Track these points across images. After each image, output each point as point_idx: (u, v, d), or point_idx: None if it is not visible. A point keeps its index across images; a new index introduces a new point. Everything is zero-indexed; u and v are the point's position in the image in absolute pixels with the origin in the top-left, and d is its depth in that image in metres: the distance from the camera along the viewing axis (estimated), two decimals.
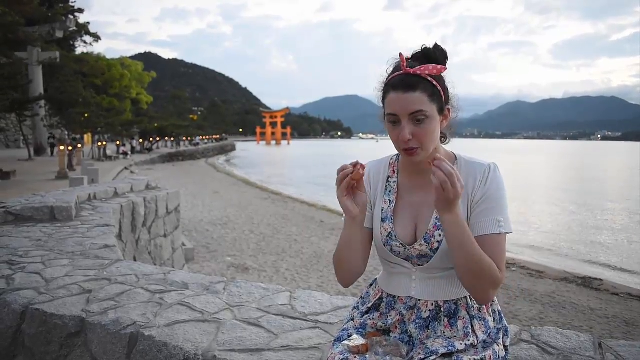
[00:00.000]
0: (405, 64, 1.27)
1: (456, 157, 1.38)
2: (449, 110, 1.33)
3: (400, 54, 1.30)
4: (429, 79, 1.26)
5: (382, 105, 1.34)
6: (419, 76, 1.25)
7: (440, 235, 1.32)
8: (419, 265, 1.37)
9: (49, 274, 2.65)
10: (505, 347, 1.39)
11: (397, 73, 1.29)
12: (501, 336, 1.37)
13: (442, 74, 1.32)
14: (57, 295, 2.31)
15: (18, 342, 2.19)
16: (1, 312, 2.23)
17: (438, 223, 1.32)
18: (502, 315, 1.42)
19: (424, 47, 1.33)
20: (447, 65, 1.30)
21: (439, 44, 1.33)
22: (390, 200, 1.42)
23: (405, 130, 1.25)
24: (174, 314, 2.08)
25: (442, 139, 1.40)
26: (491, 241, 1.28)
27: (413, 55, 1.33)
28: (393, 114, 1.27)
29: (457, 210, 1.20)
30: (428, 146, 1.28)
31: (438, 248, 1.32)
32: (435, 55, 1.31)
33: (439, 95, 1.28)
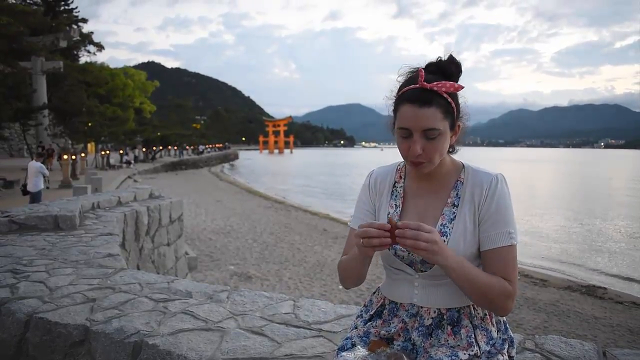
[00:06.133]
0: (423, 79, 1.25)
1: (464, 166, 1.39)
2: (459, 126, 1.33)
3: (420, 70, 1.28)
4: (445, 95, 1.25)
5: (392, 115, 1.34)
6: (435, 92, 1.25)
7: (443, 241, 1.32)
8: (421, 271, 1.37)
9: (53, 283, 2.65)
10: (510, 357, 1.38)
11: (413, 86, 1.27)
12: (506, 347, 1.36)
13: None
14: (61, 304, 2.31)
15: (22, 350, 2.19)
16: (5, 321, 2.24)
17: (442, 229, 1.33)
18: (508, 325, 1.41)
19: (439, 59, 1.31)
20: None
21: (454, 56, 1.31)
22: (396, 205, 1.43)
23: (417, 145, 1.26)
24: (178, 323, 2.08)
25: (450, 150, 1.40)
26: (504, 253, 1.30)
27: (427, 67, 1.31)
28: (405, 128, 1.27)
29: (445, 260, 1.21)
30: (435, 160, 1.31)
31: None
32: (450, 70, 1.29)
33: (452, 111, 1.28)
